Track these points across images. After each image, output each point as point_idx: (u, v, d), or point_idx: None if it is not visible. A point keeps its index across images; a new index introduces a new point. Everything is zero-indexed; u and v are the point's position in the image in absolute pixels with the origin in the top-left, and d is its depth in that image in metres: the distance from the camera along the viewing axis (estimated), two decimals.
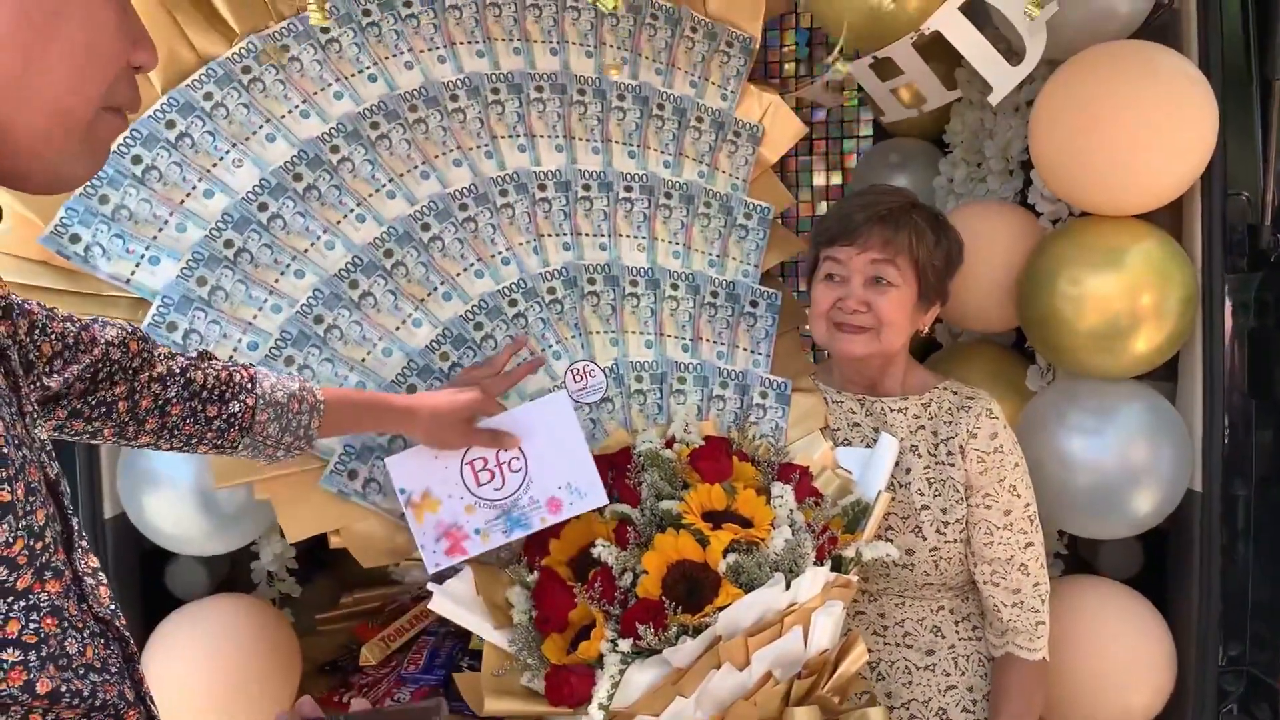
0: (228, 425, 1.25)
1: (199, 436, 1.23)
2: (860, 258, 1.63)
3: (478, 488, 1.50)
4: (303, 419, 1.31)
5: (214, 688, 1.76)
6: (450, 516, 1.49)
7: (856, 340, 1.64)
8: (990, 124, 2.16)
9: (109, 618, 0.83)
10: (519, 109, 1.72)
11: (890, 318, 1.62)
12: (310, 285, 1.56)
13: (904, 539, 1.63)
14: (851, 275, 1.64)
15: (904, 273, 1.63)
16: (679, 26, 1.83)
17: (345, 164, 1.61)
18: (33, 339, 1.06)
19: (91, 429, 1.16)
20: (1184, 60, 1.73)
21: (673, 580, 1.40)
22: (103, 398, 1.15)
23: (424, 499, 1.50)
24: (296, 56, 1.62)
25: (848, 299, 1.63)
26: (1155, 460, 1.77)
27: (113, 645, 0.83)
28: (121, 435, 1.19)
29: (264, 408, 1.27)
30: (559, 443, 1.51)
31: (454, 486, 1.50)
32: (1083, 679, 1.82)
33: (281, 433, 1.29)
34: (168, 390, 1.20)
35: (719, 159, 1.84)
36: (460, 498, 1.50)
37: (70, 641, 0.77)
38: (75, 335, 1.12)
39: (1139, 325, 1.73)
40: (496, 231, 1.67)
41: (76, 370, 1.11)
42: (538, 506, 1.50)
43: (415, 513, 1.49)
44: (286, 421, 1.29)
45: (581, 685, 1.38)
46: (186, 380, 1.22)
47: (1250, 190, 1.84)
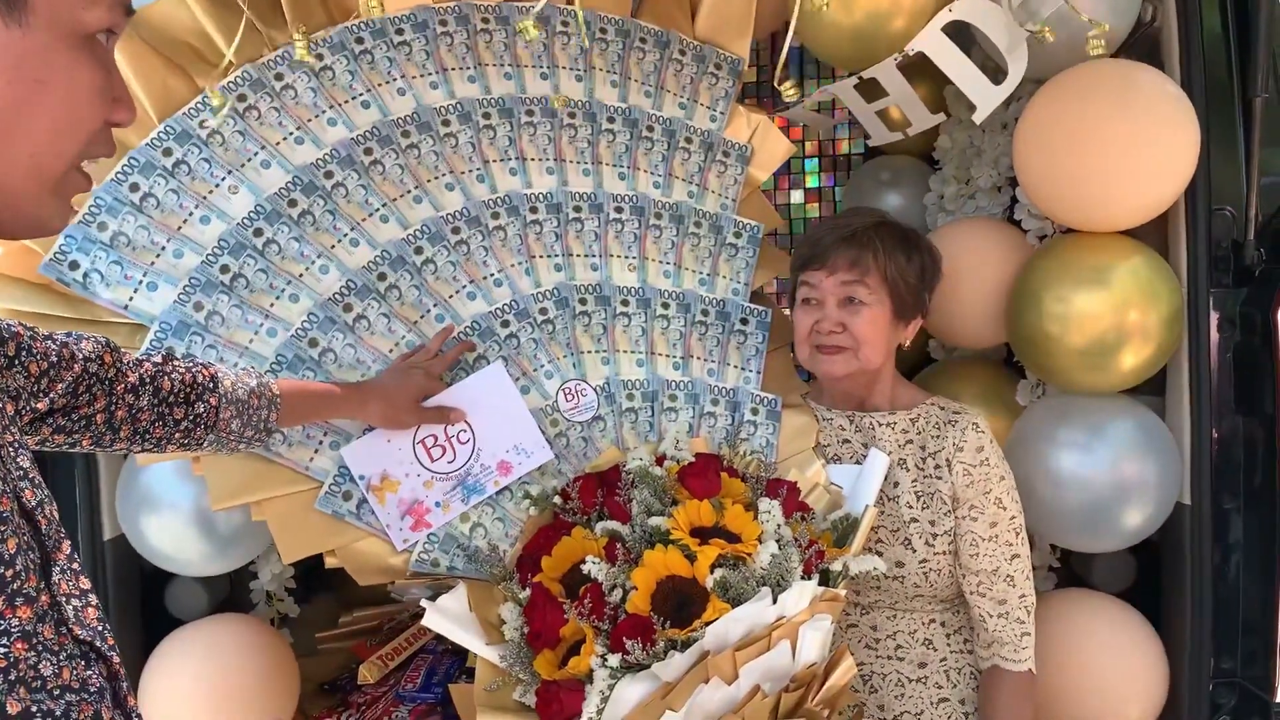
0: (194, 425, 1.30)
1: (168, 438, 1.29)
2: (830, 280, 1.67)
3: (431, 463, 1.58)
4: (261, 413, 1.38)
5: (213, 707, 1.78)
6: (410, 494, 1.57)
7: (835, 361, 1.67)
8: (979, 141, 2.19)
9: (90, 639, 0.85)
10: (510, 133, 1.75)
11: (866, 336, 1.65)
12: (305, 309, 1.59)
13: (893, 551, 1.65)
14: (825, 298, 1.68)
15: (875, 290, 1.66)
16: (668, 49, 1.86)
17: (339, 189, 1.64)
18: (20, 360, 1.09)
19: (70, 440, 1.21)
20: (1165, 78, 1.75)
21: (662, 596, 1.41)
22: (84, 413, 1.19)
23: (383, 481, 1.57)
24: (290, 84, 1.65)
25: (823, 321, 1.67)
26: (1144, 474, 1.78)
27: (94, 666, 0.85)
28: (99, 444, 1.24)
29: (226, 405, 1.33)
30: (501, 410, 1.61)
31: (409, 465, 1.58)
32: (1076, 692, 1.83)
33: (243, 428, 1.36)
34: (140, 400, 1.25)
35: (708, 179, 1.87)
36: (417, 475, 1.58)
37: (45, 664, 0.79)
38: (57, 353, 1.15)
39: (1126, 342, 1.75)
40: (488, 254, 1.70)
41: (60, 389, 1.15)
42: (489, 471, 1.60)
43: (377, 495, 1.56)
44: (248, 417, 1.36)
45: (572, 700, 1.39)
46: (156, 388, 1.27)
47: (1234, 206, 1.85)
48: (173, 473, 1.72)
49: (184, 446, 1.32)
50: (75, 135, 0.79)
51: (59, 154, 0.78)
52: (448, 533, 1.60)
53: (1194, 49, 1.79)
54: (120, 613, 1.81)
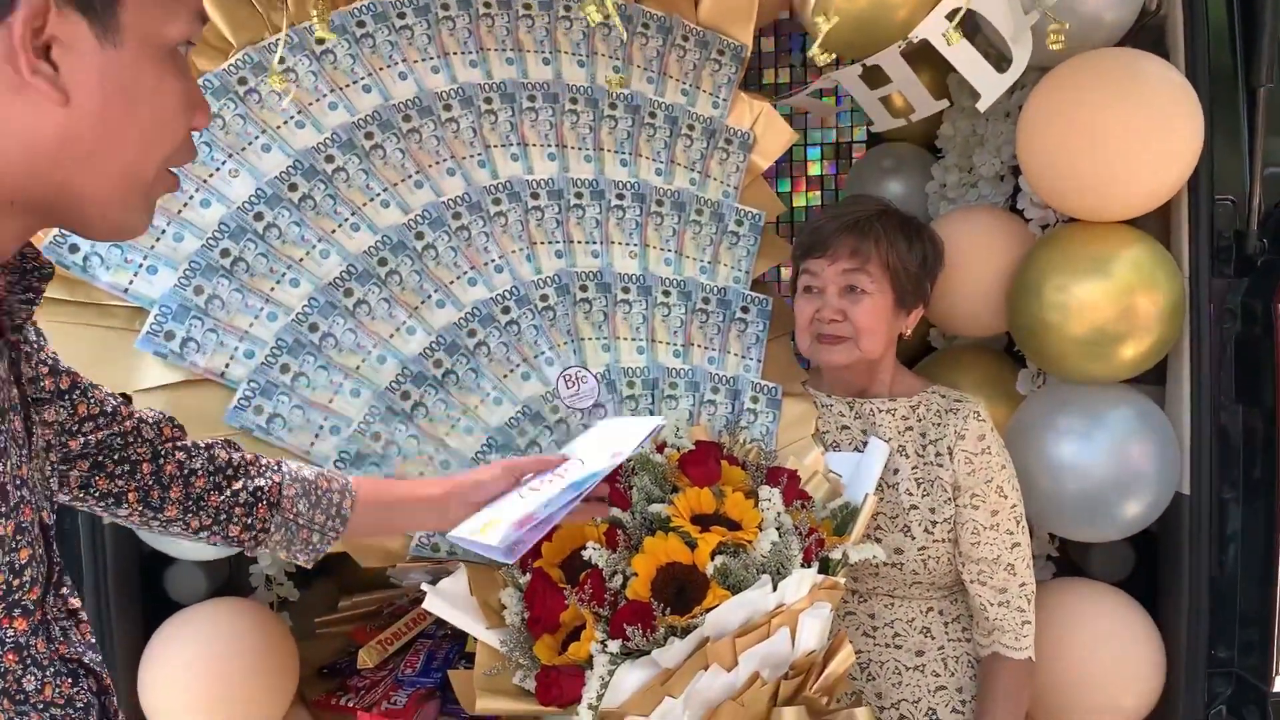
0: (255, 499, 1.23)
1: (227, 513, 1.22)
2: (832, 268, 1.67)
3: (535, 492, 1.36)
4: (333, 497, 1.28)
5: (212, 691, 1.78)
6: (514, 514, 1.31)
7: (836, 350, 1.67)
8: (982, 130, 2.18)
9: (77, 655, 0.87)
10: (512, 118, 1.74)
11: (866, 325, 1.65)
12: (305, 294, 1.59)
13: (892, 538, 1.65)
14: (826, 286, 1.68)
15: (877, 279, 1.66)
16: (670, 35, 1.85)
17: (340, 173, 1.63)
18: (70, 398, 1.09)
19: (116, 488, 1.16)
20: (1169, 67, 1.74)
21: (662, 582, 1.42)
22: (127, 455, 1.16)
23: (484, 527, 1.33)
24: (292, 68, 1.64)
25: (824, 309, 1.67)
26: (1144, 464, 1.78)
27: (83, 680, 0.87)
28: (146, 503, 1.18)
29: (291, 483, 1.25)
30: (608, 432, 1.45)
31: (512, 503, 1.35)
32: (1073, 680, 1.84)
33: (312, 510, 1.26)
34: (193, 460, 1.20)
35: (710, 166, 1.86)
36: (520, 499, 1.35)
37: (29, 678, 0.82)
38: (114, 406, 1.14)
39: (1127, 332, 1.75)
40: (489, 240, 1.70)
41: (103, 435, 1.13)
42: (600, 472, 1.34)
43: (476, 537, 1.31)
44: (315, 498, 1.27)
45: (572, 686, 1.40)
46: (211, 455, 1.22)
47: (1237, 195, 1.85)
48: None
49: (248, 528, 1.23)
50: (163, 143, 0.83)
51: (149, 162, 0.82)
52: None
53: (1199, 38, 1.78)
54: (120, 597, 1.81)
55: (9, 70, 0.73)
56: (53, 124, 0.76)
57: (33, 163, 0.77)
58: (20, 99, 0.74)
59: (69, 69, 0.75)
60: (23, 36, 0.72)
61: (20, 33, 0.72)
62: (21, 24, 0.72)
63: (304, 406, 1.56)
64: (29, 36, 0.73)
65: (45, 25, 0.73)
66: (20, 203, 0.79)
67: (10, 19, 0.72)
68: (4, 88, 0.74)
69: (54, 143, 0.77)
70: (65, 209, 0.81)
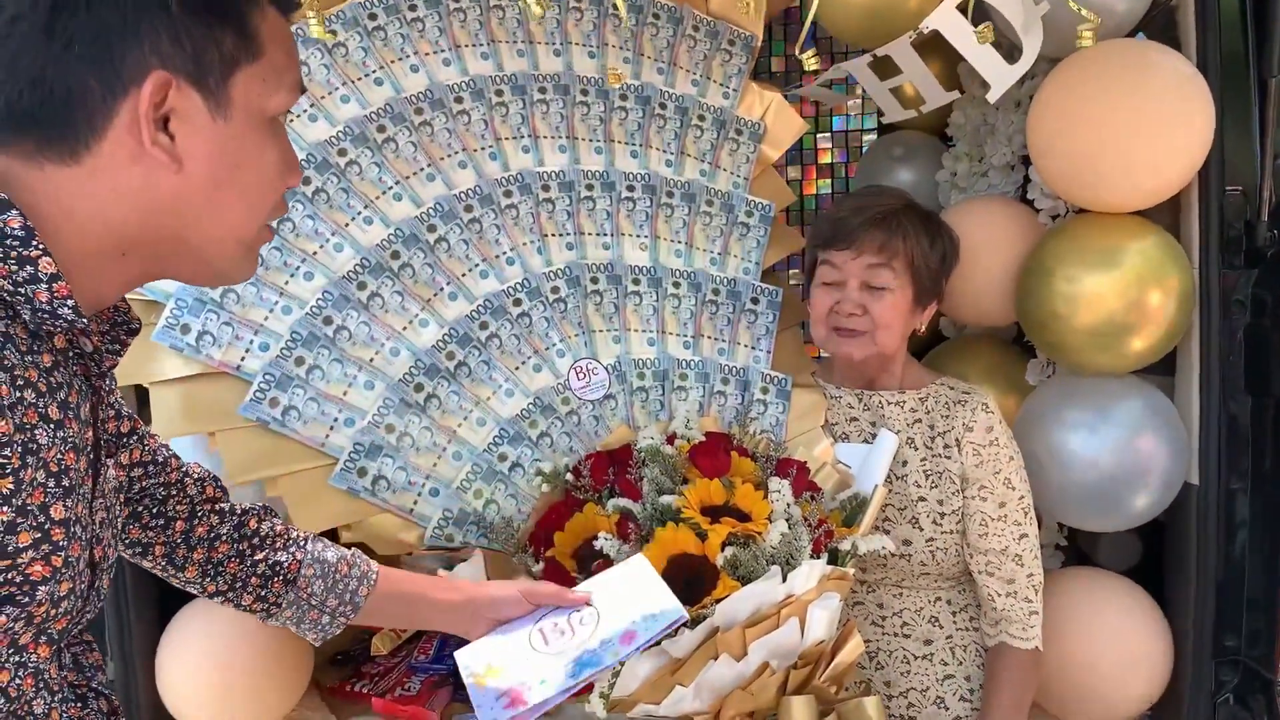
0: (272, 573, 1.24)
1: (243, 582, 1.23)
2: (856, 262, 1.66)
3: (546, 645, 1.32)
4: (350, 584, 1.28)
5: (229, 679, 1.80)
6: (514, 679, 1.29)
7: (853, 344, 1.67)
8: (992, 119, 2.18)
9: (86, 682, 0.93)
10: (523, 110, 1.75)
11: (887, 321, 1.65)
12: (319, 287, 1.60)
13: (901, 530, 1.66)
14: (848, 279, 1.67)
15: (900, 275, 1.65)
16: (681, 25, 1.86)
17: (353, 167, 1.64)
18: (129, 443, 1.12)
19: (146, 539, 1.19)
20: (1180, 58, 1.74)
21: (672, 573, 1.43)
22: (165, 510, 1.19)
23: (487, 670, 1.32)
24: (304, 61, 1.65)
25: (844, 302, 1.66)
26: (1153, 454, 1.79)
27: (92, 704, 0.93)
28: (170, 560, 1.21)
29: (310, 563, 1.26)
30: (632, 582, 1.36)
31: (520, 652, 1.32)
32: (1081, 669, 1.85)
33: (326, 593, 1.26)
34: (222, 525, 1.23)
35: (720, 157, 1.87)
36: (526, 659, 1.31)
37: (38, 702, 0.86)
38: (165, 458, 1.19)
39: (1136, 323, 1.75)
40: (501, 232, 1.71)
41: (148, 485, 1.17)
42: (610, 644, 1.29)
43: (477, 682, 1.31)
44: (332, 582, 1.27)
45: None
46: (241, 523, 1.24)
47: (1247, 186, 1.85)
48: (189, 448, 1.73)
49: (262, 599, 1.24)
50: (264, 205, 0.91)
51: (253, 221, 0.90)
52: (461, 509, 1.62)
53: (1210, 28, 1.77)
54: (136, 587, 1.83)
55: (131, 139, 0.80)
56: (167, 188, 0.83)
57: (146, 220, 0.84)
58: (139, 166, 0.82)
59: (183, 138, 0.82)
60: (147, 109, 0.79)
61: (145, 107, 0.79)
62: (147, 96, 0.79)
63: (318, 399, 1.57)
64: (152, 109, 0.80)
65: (166, 98, 0.80)
66: (132, 253, 0.86)
67: (138, 91, 0.79)
68: (125, 155, 0.81)
69: (167, 204, 0.84)
70: (173, 261, 0.89)
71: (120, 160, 0.81)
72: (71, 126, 0.79)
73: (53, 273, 0.79)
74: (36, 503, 0.77)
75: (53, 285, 0.79)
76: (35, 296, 0.79)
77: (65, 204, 0.81)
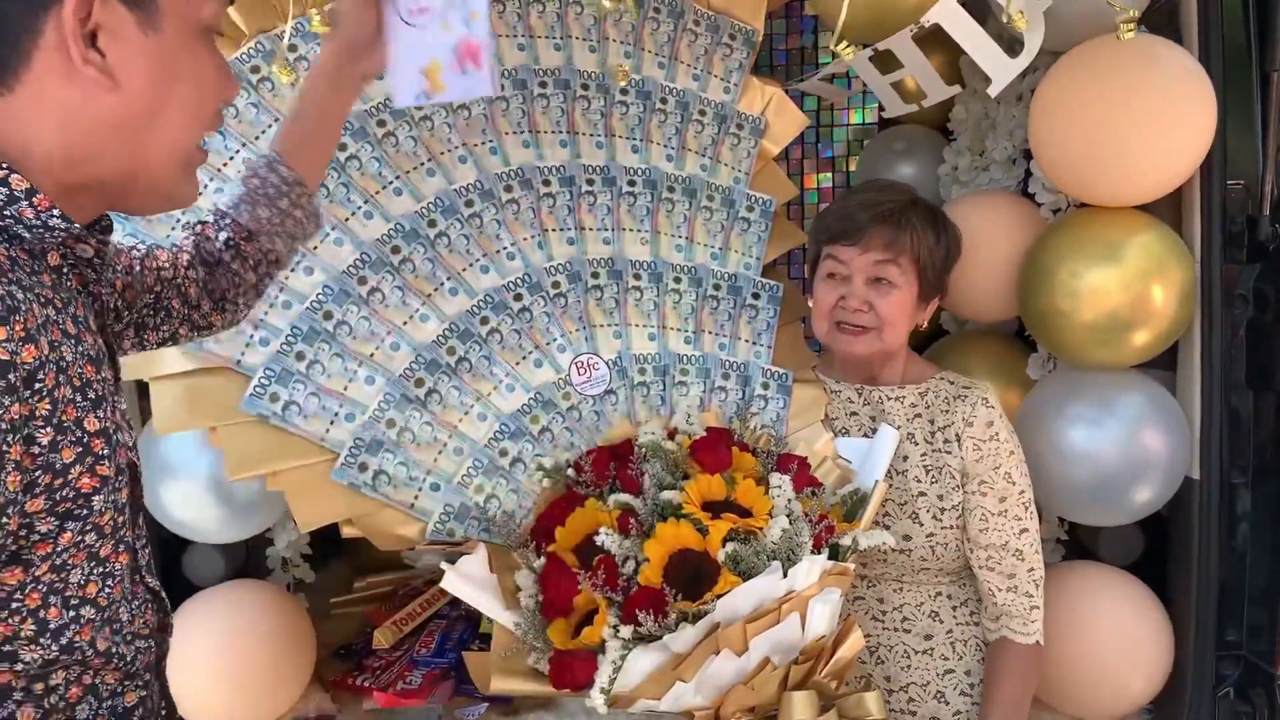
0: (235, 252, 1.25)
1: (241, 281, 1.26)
2: (863, 258, 1.65)
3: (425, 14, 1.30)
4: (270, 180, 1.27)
5: (231, 672, 1.81)
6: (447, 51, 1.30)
7: (858, 341, 1.66)
8: (994, 113, 2.17)
9: (158, 589, 0.98)
10: (523, 105, 1.75)
11: (892, 318, 1.65)
12: (320, 282, 1.60)
13: (901, 525, 1.66)
14: (854, 275, 1.66)
15: (906, 272, 1.65)
16: (681, 20, 1.85)
17: (353, 162, 1.64)
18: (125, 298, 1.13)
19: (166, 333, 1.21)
20: (1183, 52, 1.73)
21: (674, 568, 1.43)
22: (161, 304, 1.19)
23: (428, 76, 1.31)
24: (304, 55, 1.65)
25: (849, 298, 1.65)
26: (1154, 449, 1.79)
27: (154, 614, 0.98)
28: (196, 329, 1.24)
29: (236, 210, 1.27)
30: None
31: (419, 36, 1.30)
32: (1082, 663, 1.85)
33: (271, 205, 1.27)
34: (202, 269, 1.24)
35: (721, 152, 1.86)
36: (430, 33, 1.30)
37: (122, 609, 0.90)
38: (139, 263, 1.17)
39: (1138, 318, 1.75)
40: (501, 227, 1.70)
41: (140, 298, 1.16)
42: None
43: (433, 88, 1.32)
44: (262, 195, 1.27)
45: (584, 670, 1.42)
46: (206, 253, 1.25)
47: (1250, 181, 1.84)
48: (191, 441, 1.74)
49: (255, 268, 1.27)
50: (203, 117, 0.89)
51: (191, 136, 0.89)
52: (463, 503, 1.62)
53: (1213, 22, 1.77)
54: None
55: (60, 59, 0.78)
56: (105, 108, 0.81)
57: (89, 144, 0.82)
58: (73, 86, 0.79)
59: (115, 56, 0.80)
60: (72, 26, 0.77)
61: (70, 22, 0.77)
62: (70, 13, 0.77)
63: (319, 394, 1.57)
64: (77, 26, 0.77)
65: (90, 14, 0.78)
66: (87, 189, 0.85)
67: (59, 9, 0.76)
68: (58, 77, 0.79)
69: (108, 125, 0.82)
70: (120, 189, 0.87)
71: (54, 83, 0.79)
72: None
73: (27, 187, 0.78)
74: (70, 419, 0.78)
75: (32, 199, 0.79)
76: (21, 214, 0.79)
77: (10, 137, 0.79)
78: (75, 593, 0.83)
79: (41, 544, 0.79)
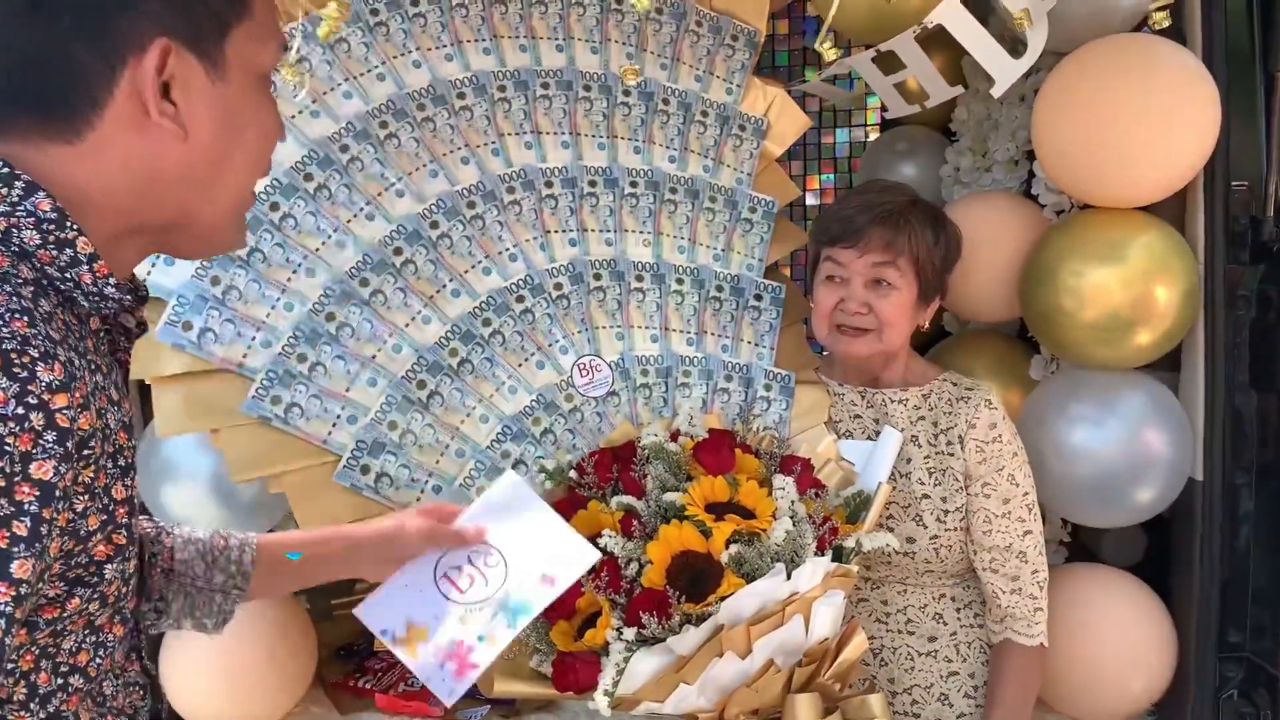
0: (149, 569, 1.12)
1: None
2: (861, 260, 1.65)
3: (462, 595, 1.30)
4: (232, 554, 1.19)
5: (232, 674, 1.81)
6: (445, 637, 1.28)
7: (858, 342, 1.66)
8: (996, 114, 2.17)
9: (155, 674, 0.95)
10: (525, 106, 1.75)
11: (892, 319, 1.65)
12: (322, 283, 1.60)
13: (905, 527, 1.66)
14: (852, 277, 1.66)
15: (905, 274, 1.65)
16: (684, 21, 1.85)
17: (355, 163, 1.64)
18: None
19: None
20: (1185, 52, 1.73)
21: (677, 570, 1.43)
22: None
23: (409, 630, 1.29)
24: (306, 57, 1.65)
25: (849, 301, 1.65)
26: (1157, 449, 1.79)
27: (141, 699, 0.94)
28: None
29: (183, 546, 1.16)
30: (528, 521, 1.35)
31: (436, 605, 1.29)
32: (1085, 665, 1.85)
33: (210, 570, 1.16)
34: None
35: (724, 153, 1.86)
36: (448, 612, 1.29)
37: (106, 683, 0.87)
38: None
39: (1140, 318, 1.74)
40: (504, 228, 1.70)
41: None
42: (530, 588, 1.30)
43: (407, 650, 1.29)
44: (213, 559, 1.17)
45: (588, 672, 1.42)
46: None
47: (1253, 181, 1.84)
48: (192, 443, 1.74)
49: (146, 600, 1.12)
50: (264, 163, 0.90)
51: (250, 183, 0.89)
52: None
53: (1216, 22, 1.76)
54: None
55: (133, 111, 0.79)
56: (174, 158, 0.81)
57: (155, 194, 0.82)
58: (143, 138, 0.80)
59: (186, 105, 0.81)
60: (151, 78, 0.78)
61: (149, 76, 0.78)
62: (150, 67, 0.78)
63: (321, 396, 1.57)
64: (155, 77, 0.78)
65: (166, 65, 0.78)
66: (143, 231, 0.85)
67: (137, 61, 0.77)
68: (129, 128, 0.79)
69: (175, 174, 0.82)
70: (179, 232, 0.87)
71: (124, 134, 0.79)
72: (69, 104, 0.77)
73: (91, 252, 0.78)
74: (101, 484, 0.77)
75: (93, 265, 0.79)
76: (81, 279, 0.78)
77: (76, 185, 0.79)
78: (66, 659, 0.81)
79: (48, 608, 0.77)
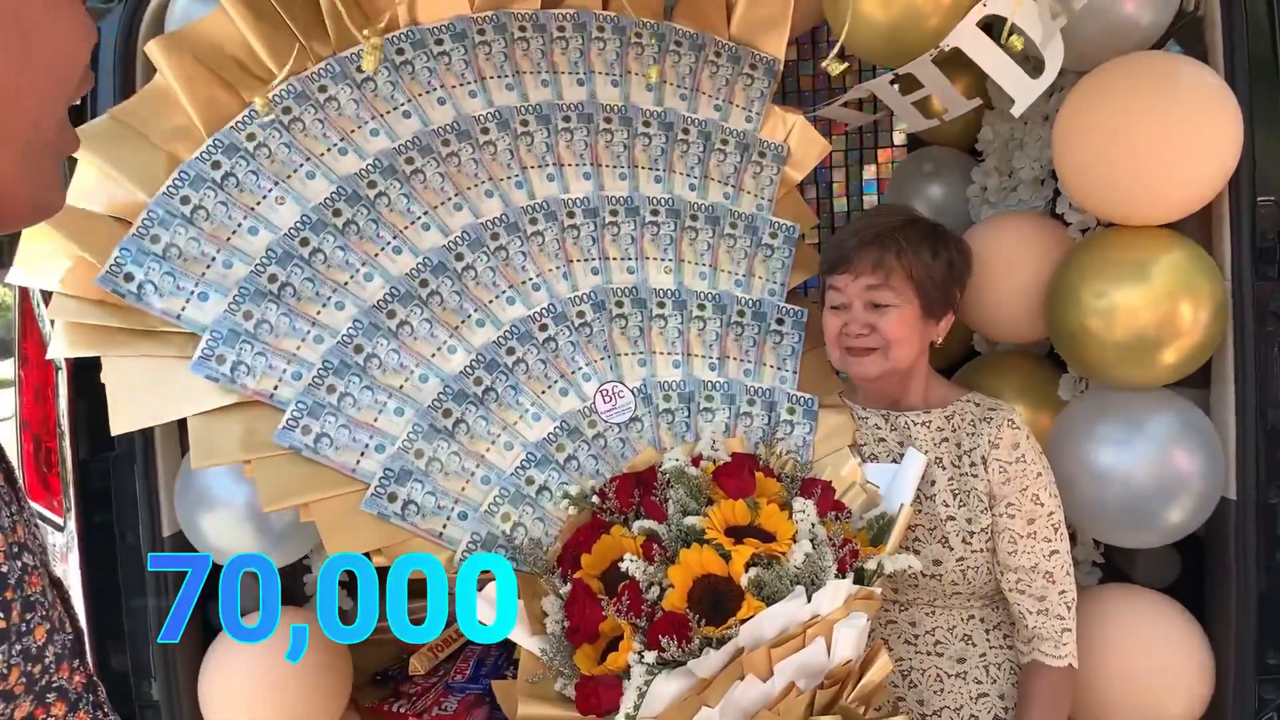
0: None
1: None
2: (856, 284, 1.68)
3: None
4: None
5: (270, 698, 1.85)
6: None
7: (866, 362, 1.68)
8: (1021, 133, 2.17)
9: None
10: (547, 139, 1.78)
11: (895, 336, 1.66)
12: (350, 316, 1.64)
13: (931, 549, 1.65)
14: (852, 301, 1.69)
15: (901, 291, 1.66)
16: (703, 51, 1.88)
17: (382, 198, 1.68)
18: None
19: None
20: (1206, 69, 1.72)
21: (697, 594, 1.44)
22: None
23: None
24: (334, 96, 1.70)
25: (851, 324, 1.68)
26: (1188, 469, 1.76)
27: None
28: None
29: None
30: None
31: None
32: (1120, 687, 1.82)
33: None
34: None
35: (744, 180, 1.88)
36: None
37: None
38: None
39: (1168, 337, 1.73)
40: (527, 259, 1.73)
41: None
42: None
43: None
44: None
45: (610, 695, 1.43)
46: None
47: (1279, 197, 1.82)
48: (227, 473, 1.79)
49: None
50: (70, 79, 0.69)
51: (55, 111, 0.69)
52: (490, 532, 1.64)
53: (1238, 38, 1.76)
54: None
55: None
56: None
57: None
58: None
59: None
60: None
61: None
62: None
63: (350, 426, 1.61)
64: None
65: None
66: None
67: None
68: None
69: None
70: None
71: None
72: None
73: None
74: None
75: None
76: None
77: None
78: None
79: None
